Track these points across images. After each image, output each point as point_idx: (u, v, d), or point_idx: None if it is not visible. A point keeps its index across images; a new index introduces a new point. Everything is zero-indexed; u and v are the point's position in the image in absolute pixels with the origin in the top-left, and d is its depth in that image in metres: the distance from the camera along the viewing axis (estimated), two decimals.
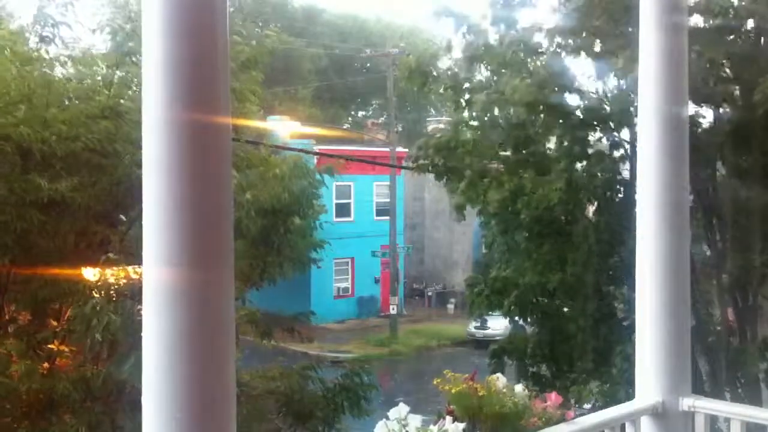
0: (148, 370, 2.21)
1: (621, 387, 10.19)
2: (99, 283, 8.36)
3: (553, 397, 3.45)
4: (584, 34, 11.26)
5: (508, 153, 12.21)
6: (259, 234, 11.02)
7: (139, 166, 2.28)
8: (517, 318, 12.99)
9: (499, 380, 3.41)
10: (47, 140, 8.16)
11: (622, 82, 11.02)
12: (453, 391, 3.28)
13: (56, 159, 8.25)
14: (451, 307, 34.70)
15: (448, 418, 3.21)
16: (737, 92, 10.91)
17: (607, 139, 12.18)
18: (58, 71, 9.61)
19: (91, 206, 8.57)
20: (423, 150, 12.78)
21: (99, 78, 9.60)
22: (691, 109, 10.03)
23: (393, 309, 30.92)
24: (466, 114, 12.77)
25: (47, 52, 9.51)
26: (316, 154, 22.97)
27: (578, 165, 11.76)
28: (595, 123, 11.87)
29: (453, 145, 12.45)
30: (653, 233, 3.91)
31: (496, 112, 12.39)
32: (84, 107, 8.72)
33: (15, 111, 8.20)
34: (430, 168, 12.93)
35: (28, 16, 9.82)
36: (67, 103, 8.84)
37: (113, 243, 8.70)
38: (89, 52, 10.17)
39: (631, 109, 10.15)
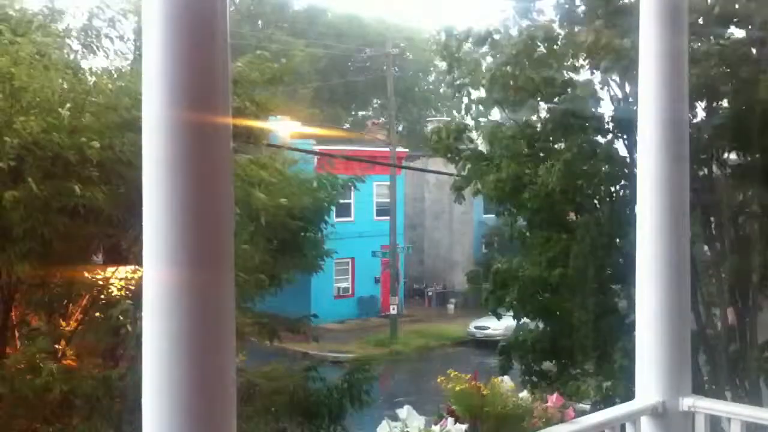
0: (148, 370, 2.21)
1: (620, 383, 10.19)
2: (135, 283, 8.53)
3: (555, 399, 3.45)
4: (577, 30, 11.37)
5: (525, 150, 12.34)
6: (291, 238, 11.33)
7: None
8: (520, 315, 13.03)
9: (504, 382, 3.40)
10: (82, 147, 8.20)
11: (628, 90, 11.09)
12: (456, 389, 3.27)
13: (91, 166, 8.30)
14: (451, 307, 34.70)
15: (450, 419, 3.20)
16: (737, 91, 10.90)
17: (594, 134, 12.21)
18: (92, 80, 9.71)
19: (111, 212, 8.63)
20: (436, 135, 13.10)
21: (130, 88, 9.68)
22: (691, 107, 10.04)
23: (393, 309, 30.88)
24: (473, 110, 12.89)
25: (86, 59, 9.69)
26: (316, 154, 22.99)
27: (583, 165, 11.79)
28: (596, 120, 11.90)
29: (462, 128, 12.79)
30: (653, 234, 3.90)
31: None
32: (116, 117, 8.77)
33: (54, 116, 8.24)
34: (448, 155, 13.16)
35: (74, 21, 10.02)
36: (101, 112, 8.90)
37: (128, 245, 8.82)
38: (123, 64, 10.36)
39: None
